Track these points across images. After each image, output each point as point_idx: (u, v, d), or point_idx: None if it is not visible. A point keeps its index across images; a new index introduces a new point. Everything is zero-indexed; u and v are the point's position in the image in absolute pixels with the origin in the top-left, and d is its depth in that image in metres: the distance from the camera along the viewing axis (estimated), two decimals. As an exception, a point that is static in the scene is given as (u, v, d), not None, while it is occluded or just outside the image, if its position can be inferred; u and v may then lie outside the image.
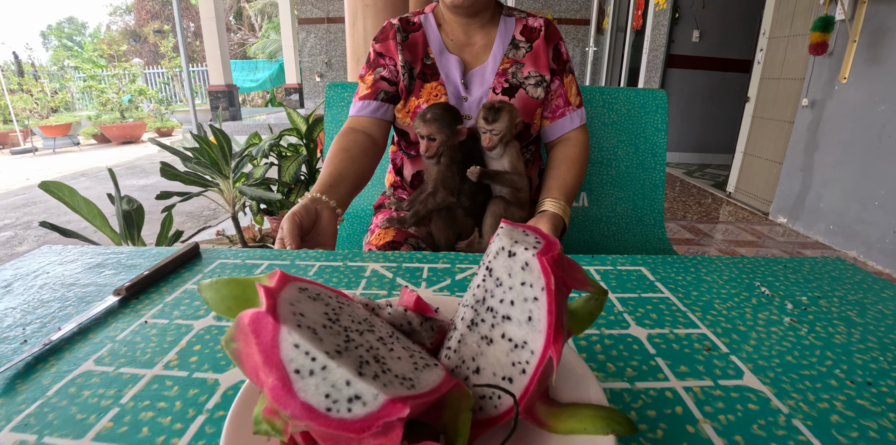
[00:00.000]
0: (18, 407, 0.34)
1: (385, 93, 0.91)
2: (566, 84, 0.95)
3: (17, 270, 0.59)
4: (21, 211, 3.62)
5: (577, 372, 0.31)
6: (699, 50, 4.28)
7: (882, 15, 2.18)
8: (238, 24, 17.16)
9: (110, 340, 0.43)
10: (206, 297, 0.27)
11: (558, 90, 0.94)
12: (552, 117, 0.95)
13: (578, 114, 0.95)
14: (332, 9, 7.03)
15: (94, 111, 8.71)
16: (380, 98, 0.91)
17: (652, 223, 1.20)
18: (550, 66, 0.93)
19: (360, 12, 1.75)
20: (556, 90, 0.94)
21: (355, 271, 0.57)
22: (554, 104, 0.94)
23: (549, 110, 0.95)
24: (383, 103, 0.91)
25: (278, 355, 0.20)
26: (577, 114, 0.95)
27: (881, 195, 2.18)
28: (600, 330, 0.44)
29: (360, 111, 0.92)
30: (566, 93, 0.94)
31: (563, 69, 0.95)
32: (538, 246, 0.25)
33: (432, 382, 0.23)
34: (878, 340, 0.44)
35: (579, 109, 0.95)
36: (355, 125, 0.91)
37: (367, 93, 0.91)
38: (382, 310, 0.30)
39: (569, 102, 0.94)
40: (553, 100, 0.94)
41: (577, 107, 0.95)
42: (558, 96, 0.94)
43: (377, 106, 0.91)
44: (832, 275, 0.58)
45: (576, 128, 0.95)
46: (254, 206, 2.16)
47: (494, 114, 0.81)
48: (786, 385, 0.37)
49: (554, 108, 0.94)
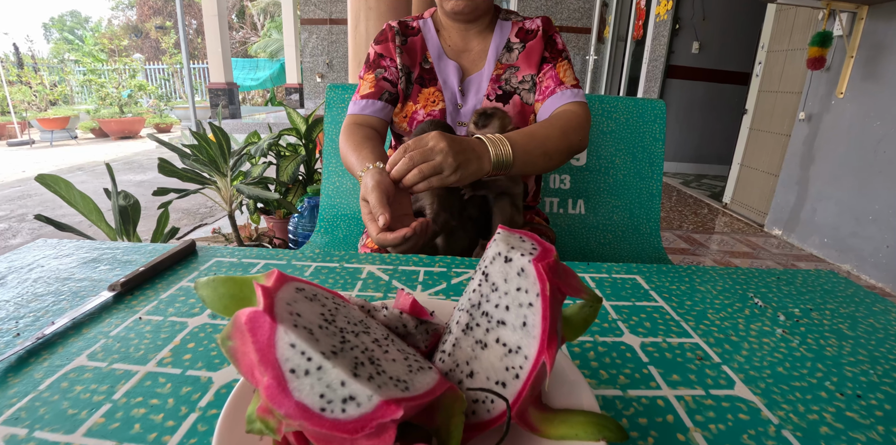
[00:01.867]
0: (10, 401, 0.34)
1: (388, 94, 0.90)
2: (559, 67, 0.89)
3: (12, 263, 0.59)
4: (16, 203, 3.59)
5: (570, 379, 0.31)
6: (699, 61, 4.31)
7: (880, 32, 2.21)
8: (240, 22, 17.17)
9: (104, 336, 0.43)
10: (203, 295, 0.27)
11: (549, 72, 0.88)
12: (542, 98, 0.87)
13: (572, 91, 0.86)
14: (334, 10, 7.05)
15: (92, 105, 8.68)
16: (384, 98, 0.89)
17: (648, 232, 1.21)
18: (543, 56, 0.89)
19: (363, 15, 1.75)
20: (547, 73, 0.88)
21: (351, 272, 0.57)
22: (544, 85, 0.88)
23: (539, 92, 0.88)
24: (387, 104, 0.90)
25: (274, 354, 0.20)
26: (570, 91, 0.86)
27: (875, 210, 2.20)
28: (594, 338, 0.44)
29: (363, 109, 0.89)
30: (558, 74, 0.88)
31: (556, 56, 0.90)
32: (534, 253, 0.25)
33: (426, 385, 0.23)
34: (868, 353, 0.44)
35: (574, 89, 0.86)
36: (360, 122, 0.88)
37: (371, 92, 0.89)
38: (378, 312, 0.31)
39: (561, 82, 0.87)
40: (543, 82, 0.88)
41: (572, 86, 0.87)
42: (548, 78, 0.88)
43: (382, 105, 0.89)
44: (825, 288, 0.58)
45: (568, 102, 0.85)
46: (251, 205, 2.16)
47: (485, 119, 0.78)
48: (776, 396, 0.37)
49: (544, 89, 0.88)
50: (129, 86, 8.93)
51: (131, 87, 8.91)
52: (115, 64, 10.59)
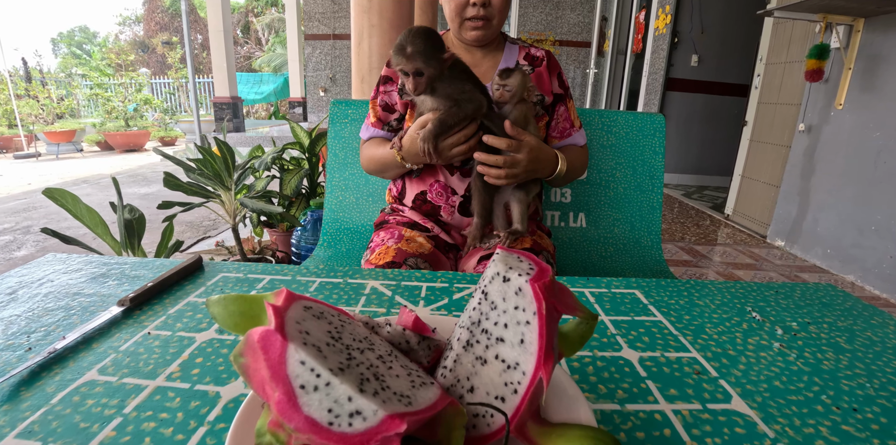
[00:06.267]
0: (23, 414, 0.35)
1: (389, 126, 1.01)
2: (570, 108, 1.02)
3: (22, 277, 0.60)
4: (21, 215, 3.62)
5: (569, 393, 0.32)
6: (698, 74, 4.36)
7: (877, 44, 2.24)
8: (245, 37, 17.44)
9: (114, 350, 0.44)
10: (214, 312, 0.28)
11: (564, 114, 1.01)
12: (560, 136, 1.02)
13: (580, 134, 1.03)
14: (338, 26, 7.17)
15: (98, 118, 8.79)
16: (385, 129, 1.01)
17: (649, 245, 1.21)
18: (555, 91, 1.00)
19: (366, 32, 1.79)
20: (563, 114, 1.01)
21: (355, 288, 0.58)
22: (561, 126, 1.01)
23: (557, 131, 1.02)
24: (389, 132, 1.01)
25: (285, 371, 0.21)
26: (579, 134, 1.03)
27: (878, 220, 2.20)
28: (593, 352, 0.45)
29: (375, 134, 1.02)
30: (570, 116, 1.02)
31: (566, 95, 1.02)
32: (531, 273, 0.26)
33: (428, 400, 0.24)
34: (865, 367, 0.45)
35: (581, 130, 1.04)
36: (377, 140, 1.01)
37: (375, 121, 1.01)
38: (382, 329, 0.32)
39: (573, 124, 1.02)
40: (560, 123, 1.01)
41: (580, 128, 1.04)
42: (564, 120, 1.01)
43: (385, 133, 1.02)
44: (823, 302, 0.59)
45: (580, 145, 1.04)
46: (254, 218, 2.18)
47: (508, 73, 0.84)
48: (773, 410, 0.38)
49: (561, 129, 1.02)
50: (134, 100, 9.04)
51: (137, 101, 9.02)
52: (121, 78, 10.74)
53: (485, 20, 0.90)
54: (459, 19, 0.91)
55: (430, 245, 0.91)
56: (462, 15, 0.90)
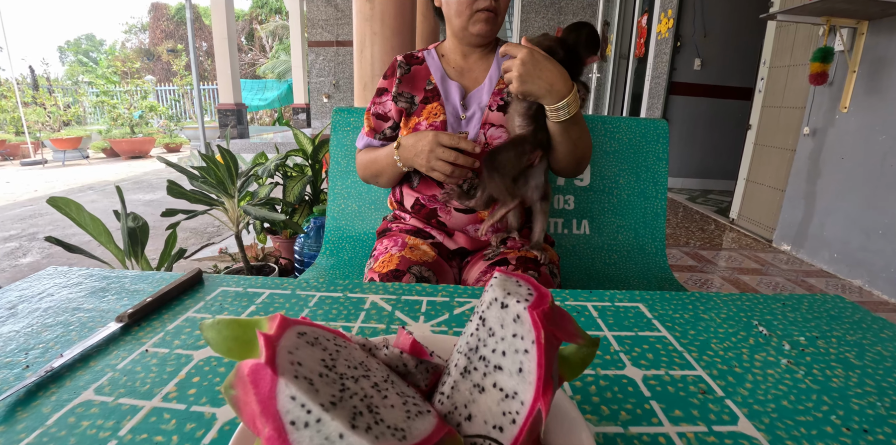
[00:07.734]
0: (18, 436, 0.35)
1: (383, 135, 1.02)
2: None
3: (23, 291, 0.60)
4: (27, 222, 3.65)
5: (570, 416, 0.31)
6: (701, 78, 4.35)
7: (881, 46, 2.22)
8: (249, 44, 17.57)
9: (111, 369, 0.43)
10: (208, 337, 0.27)
11: None
12: None
13: None
14: (341, 33, 7.21)
15: (104, 125, 8.86)
16: (378, 138, 1.02)
17: (653, 252, 1.20)
18: None
19: (368, 40, 1.79)
20: None
21: (355, 303, 0.57)
22: None
23: None
24: (383, 140, 1.03)
25: (275, 406, 0.21)
26: None
27: (885, 224, 2.18)
28: (596, 371, 0.44)
29: (370, 142, 1.03)
30: None
31: None
32: (530, 299, 0.25)
33: (424, 431, 0.24)
34: (876, 384, 0.44)
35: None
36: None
37: (369, 130, 1.03)
38: (379, 352, 0.31)
39: None
40: None
41: None
42: None
43: (379, 143, 1.03)
44: (831, 314, 0.58)
45: None
46: (257, 225, 2.18)
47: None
48: (780, 432, 0.37)
49: None
50: (140, 108, 9.12)
51: (142, 108, 9.10)
52: (127, 85, 10.84)
53: (493, 13, 0.91)
54: (469, 12, 0.90)
55: (434, 253, 0.91)
56: (473, 6, 0.90)
